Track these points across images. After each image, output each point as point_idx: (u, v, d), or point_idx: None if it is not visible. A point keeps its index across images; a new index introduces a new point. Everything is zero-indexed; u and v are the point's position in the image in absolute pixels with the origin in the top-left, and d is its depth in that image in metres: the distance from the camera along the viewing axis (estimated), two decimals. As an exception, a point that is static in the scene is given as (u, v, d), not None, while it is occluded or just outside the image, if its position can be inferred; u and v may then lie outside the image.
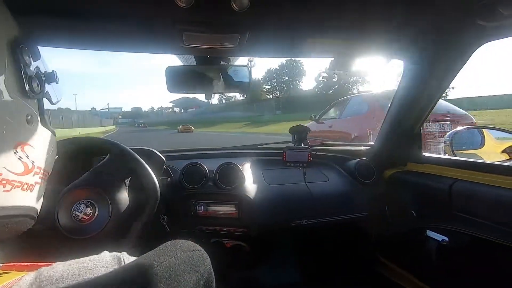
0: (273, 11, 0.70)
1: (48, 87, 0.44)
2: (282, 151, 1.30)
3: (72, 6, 0.65)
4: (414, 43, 0.95)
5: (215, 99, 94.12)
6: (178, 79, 0.98)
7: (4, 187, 0.32)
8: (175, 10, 0.62)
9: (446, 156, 1.30)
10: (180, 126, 33.57)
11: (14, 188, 0.33)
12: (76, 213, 0.71)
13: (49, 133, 0.43)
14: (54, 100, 0.47)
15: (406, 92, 1.19)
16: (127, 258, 0.34)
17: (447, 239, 1.04)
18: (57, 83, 0.47)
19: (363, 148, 1.60)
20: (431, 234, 1.11)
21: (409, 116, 1.23)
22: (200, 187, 1.21)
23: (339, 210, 1.30)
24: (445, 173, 1.11)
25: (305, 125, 1.51)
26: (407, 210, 1.23)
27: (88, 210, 0.72)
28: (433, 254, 1.12)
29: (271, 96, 62.41)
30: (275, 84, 62.61)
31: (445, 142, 1.35)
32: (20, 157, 0.34)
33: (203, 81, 1.00)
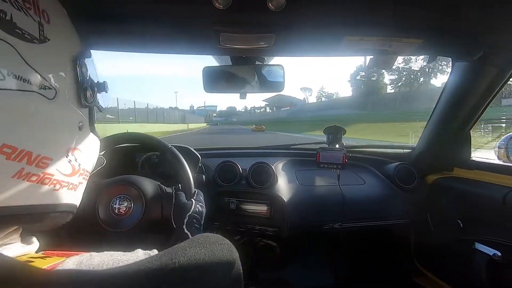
0: (309, 10, 0.69)
1: (98, 96, 0.48)
2: (315, 152, 1.28)
3: (118, 12, 0.69)
4: (464, 38, 0.87)
5: (312, 97, 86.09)
6: (215, 79, 1.01)
7: (54, 187, 0.36)
8: (212, 11, 0.64)
9: (500, 162, 1.18)
10: (253, 126, 36.37)
11: (62, 188, 0.37)
12: (114, 206, 0.76)
13: (96, 138, 0.47)
14: (102, 108, 0.51)
15: (455, 91, 1.09)
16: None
17: (499, 253, 0.95)
18: (106, 92, 0.51)
19: (403, 151, 1.51)
20: (480, 247, 1.02)
21: (458, 117, 1.13)
22: (233, 185, 1.24)
23: (375, 215, 1.24)
24: (499, 180, 1.01)
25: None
26: (452, 219, 1.14)
27: (124, 205, 0.76)
28: (482, 269, 1.02)
29: (393, 91, 48.02)
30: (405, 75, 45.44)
31: (499, 147, 1.22)
32: (70, 160, 0.38)
33: (238, 81, 1.01)
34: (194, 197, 0.82)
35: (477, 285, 1.05)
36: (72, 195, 0.40)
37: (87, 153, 0.42)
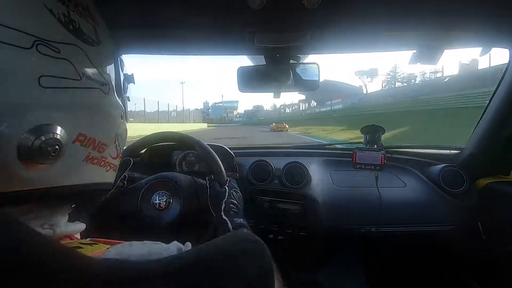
0: (344, 6, 0.66)
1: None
2: (351, 152, 1.23)
3: (156, 18, 0.73)
4: None
5: (373, 84, 65.10)
6: (249, 79, 1.02)
7: (106, 168, 0.41)
8: (247, 12, 0.65)
9: None
10: (273, 124, 30.72)
11: (110, 169, 0.43)
12: (155, 202, 0.81)
13: (126, 126, 0.53)
14: (129, 99, 0.58)
15: None
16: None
17: None
18: (134, 83, 0.58)
19: (450, 152, 1.39)
20: None
21: None
22: (267, 184, 1.24)
23: (417, 220, 1.17)
24: None
25: None
26: (508, 228, 1.02)
27: (164, 200, 0.81)
28: None
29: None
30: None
31: None
32: (116, 145, 0.43)
33: (273, 80, 1.01)
34: (227, 184, 0.85)
35: None
36: (113, 175, 0.45)
37: (124, 139, 0.47)
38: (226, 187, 0.83)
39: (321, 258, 1.53)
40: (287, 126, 29.10)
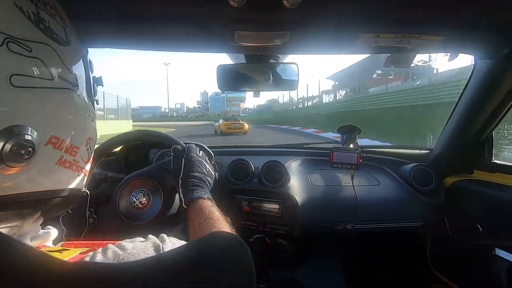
0: (325, 7, 0.68)
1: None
2: (329, 152, 1.26)
3: (130, 8, 0.70)
4: (488, 34, 0.83)
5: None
6: (229, 77, 1.01)
7: (78, 172, 0.39)
8: (227, 9, 0.64)
9: None
10: (220, 122, 18.14)
11: (81, 173, 0.41)
12: (134, 200, 0.78)
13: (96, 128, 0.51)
14: (97, 102, 0.55)
15: (477, 91, 1.05)
16: (171, 244, 0.37)
17: None
18: (102, 86, 0.56)
19: (420, 152, 1.47)
20: (501, 253, 0.98)
21: (480, 118, 1.09)
22: (246, 183, 1.24)
23: (390, 217, 1.22)
24: None
25: None
26: (472, 224, 1.09)
27: (144, 199, 0.79)
28: (502, 276, 0.98)
29: None
30: None
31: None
32: (88, 148, 0.41)
33: (252, 79, 1.01)
34: (184, 156, 0.78)
35: None
36: (84, 180, 0.44)
37: (94, 142, 0.46)
38: (183, 159, 0.77)
39: (299, 256, 1.55)
40: (245, 125, 17.14)
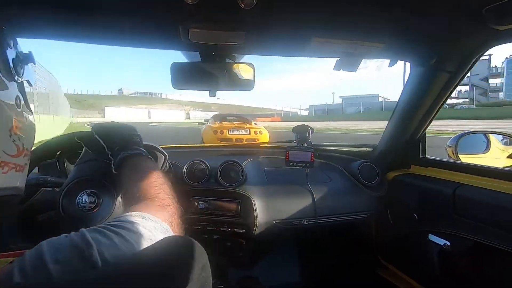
0: (279, 9, 0.70)
1: (26, 68, 0.44)
2: (285, 151, 1.30)
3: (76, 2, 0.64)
4: (420, 44, 0.94)
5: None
6: (183, 76, 0.98)
7: (2, 169, 0.33)
8: (181, 6, 0.62)
9: (450, 160, 1.29)
10: (215, 123, 7.88)
11: (10, 170, 0.35)
12: (81, 204, 0.71)
13: (31, 115, 0.43)
14: (31, 83, 0.47)
15: (412, 94, 1.18)
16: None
17: (448, 243, 1.04)
18: (34, 63, 0.47)
19: (367, 149, 1.59)
20: (433, 238, 1.10)
21: (415, 118, 1.22)
22: (202, 184, 1.22)
23: (341, 211, 1.30)
24: (449, 177, 1.10)
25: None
26: (409, 213, 1.22)
27: (91, 200, 0.72)
28: (434, 258, 1.11)
29: None
30: None
31: (449, 146, 1.34)
32: (14, 140, 0.35)
33: (208, 78, 0.99)
34: (94, 134, 0.74)
35: (431, 274, 1.14)
36: (20, 177, 0.37)
37: (27, 132, 0.39)
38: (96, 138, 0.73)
39: (257, 254, 1.57)
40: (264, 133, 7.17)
